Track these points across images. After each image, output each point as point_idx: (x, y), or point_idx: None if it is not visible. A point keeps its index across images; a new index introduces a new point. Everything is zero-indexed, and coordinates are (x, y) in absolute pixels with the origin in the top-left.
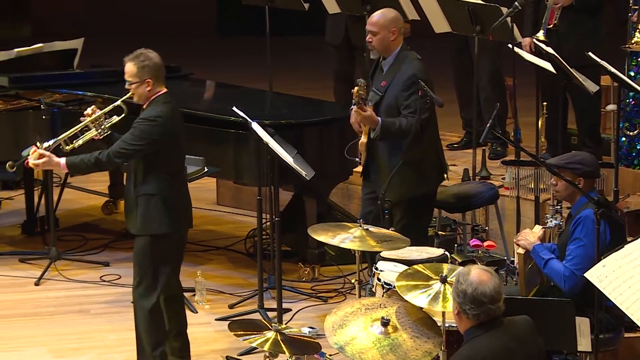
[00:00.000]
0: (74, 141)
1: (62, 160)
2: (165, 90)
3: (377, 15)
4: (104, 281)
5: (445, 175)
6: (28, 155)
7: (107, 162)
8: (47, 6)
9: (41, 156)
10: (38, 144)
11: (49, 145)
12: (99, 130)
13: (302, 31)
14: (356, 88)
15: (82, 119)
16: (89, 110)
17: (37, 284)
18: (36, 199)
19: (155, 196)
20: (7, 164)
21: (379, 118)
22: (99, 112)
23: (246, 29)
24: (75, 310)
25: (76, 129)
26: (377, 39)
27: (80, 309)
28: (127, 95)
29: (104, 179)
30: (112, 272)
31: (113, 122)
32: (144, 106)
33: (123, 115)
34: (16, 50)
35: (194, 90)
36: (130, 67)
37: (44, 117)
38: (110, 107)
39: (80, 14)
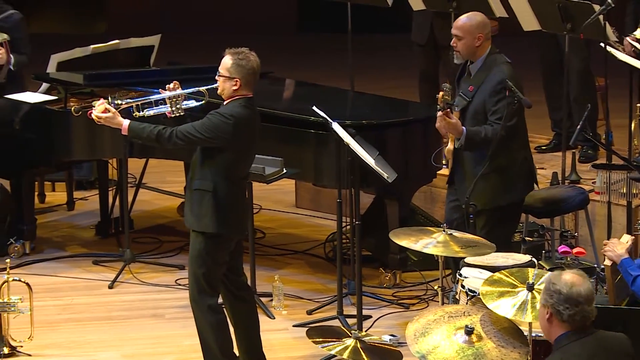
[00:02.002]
0: (145, 110)
1: (126, 122)
2: (250, 95)
3: (463, 19)
4: (179, 285)
5: (534, 185)
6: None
7: (167, 139)
8: (124, 1)
9: (106, 111)
10: (110, 98)
11: (119, 104)
12: (173, 109)
13: (386, 28)
14: (441, 93)
15: (161, 91)
16: (170, 85)
17: (110, 287)
18: (110, 200)
19: (209, 193)
20: (73, 109)
21: (464, 128)
22: (179, 91)
23: (327, 25)
24: (150, 314)
25: (152, 99)
26: (461, 44)
27: (154, 313)
28: (213, 85)
29: (179, 179)
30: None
31: (190, 106)
32: (225, 102)
33: (202, 102)
34: (92, 46)
35: (272, 89)
36: (226, 60)
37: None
38: (193, 90)
39: (158, 9)
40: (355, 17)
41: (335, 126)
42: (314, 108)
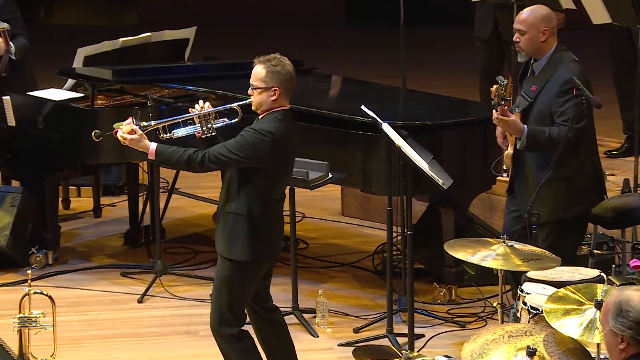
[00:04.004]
0: (173, 131)
1: (153, 145)
2: (288, 107)
3: (526, 13)
4: None
5: (604, 196)
6: (119, 127)
7: (199, 163)
8: None
9: (132, 132)
10: (132, 119)
11: (145, 126)
12: (204, 129)
13: (441, 21)
14: (495, 87)
15: (190, 110)
16: (200, 103)
17: (140, 301)
18: (141, 206)
19: (243, 217)
20: (94, 133)
21: (525, 126)
22: (210, 109)
23: (378, 18)
24: (182, 331)
25: (180, 119)
26: (525, 39)
27: (187, 329)
28: (247, 101)
29: (215, 184)
30: None
31: (222, 125)
32: (260, 117)
33: (236, 120)
34: (121, 40)
35: (317, 86)
36: (258, 70)
37: (150, 114)
38: (224, 107)
39: (194, 0)
40: (408, 8)
41: (386, 127)
42: (363, 107)
